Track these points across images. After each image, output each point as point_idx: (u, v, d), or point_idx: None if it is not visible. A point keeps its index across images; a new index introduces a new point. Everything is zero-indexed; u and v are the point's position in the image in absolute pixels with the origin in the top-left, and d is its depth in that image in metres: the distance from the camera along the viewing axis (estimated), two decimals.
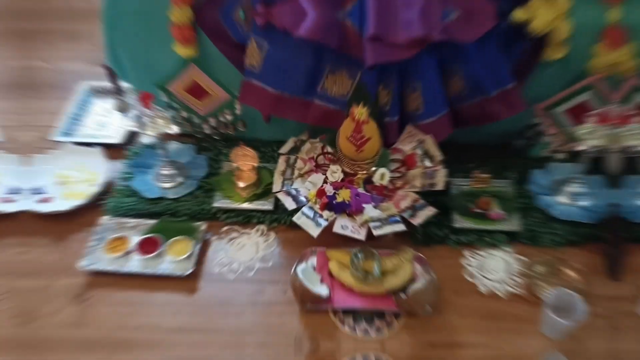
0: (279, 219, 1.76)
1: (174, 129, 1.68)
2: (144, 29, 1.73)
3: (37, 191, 1.87)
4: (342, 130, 1.61)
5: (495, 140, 1.83)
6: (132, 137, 2.06)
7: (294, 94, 1.71)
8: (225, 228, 1.78)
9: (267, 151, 1.93)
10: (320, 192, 1.61)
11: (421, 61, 1.60)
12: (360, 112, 1.57)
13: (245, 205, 1.78)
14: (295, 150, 1.80)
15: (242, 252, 1.71)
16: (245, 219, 1.78)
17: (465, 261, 1.65)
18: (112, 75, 2.08)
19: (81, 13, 2.68)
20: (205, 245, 1.72)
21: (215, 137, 2.00)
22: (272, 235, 1.76)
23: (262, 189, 1.79)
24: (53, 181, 1.90)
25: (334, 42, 1.56)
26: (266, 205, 1.77)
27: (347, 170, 1.66)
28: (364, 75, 1.64)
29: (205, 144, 1.98)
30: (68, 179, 1.91)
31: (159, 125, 1.70)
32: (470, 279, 1.62)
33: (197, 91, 1.85)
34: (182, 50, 1.70)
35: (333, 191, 1.61)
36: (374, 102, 1.65)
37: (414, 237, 1.66)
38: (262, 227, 1.77)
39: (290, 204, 1.62)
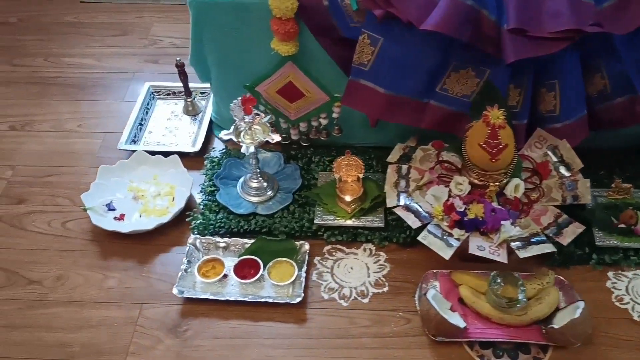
0: (390, 237, 1.58)
1: (275, 138, 1.50)
2: (235, 23, 1.53)
3: (109, 206, 1.68)
4: (472, 136, 1.43)
5: (634, 143, 1.64)
6: (208, 143, 1.87)
7: (409, 95, 1.53)
8: (327, 247, 1.59)
9: (365, 159, 1.75)
10: (449, 208, 1.43)
11: (562, 57, 1.42)
12: (496, 115, 1.38)
13: (351, 222, 1.59)
14: (404, 158, 1.61)
15: (352, 276, 1.52)
16: (351, 237, 1.59)
17: (611, 284, 1.47)
18: (184, 74, 1.90)
19: (126, 3, 2.50)
20: (308, 267, 1.54)
21: (304, 144, 1.81)
22: (383, 255, 1.57)
23: (369, 203, 1.60)
24: (126, 195, 1.71)
25: (465, 36, 1.38)
26: (376, 221, 1.59)
27: (475, 181, 1.47)
28: (494, 73, 1.46)
29: (293, 151, 1.80)
30: (143, 193, 1.72)
31: (257, 133, 1.51)
32: (619, 305, 1.44)
33: (290, 93, 1.66)
34: (282, 47, 1.51)
35: (463, 206, 1.42)
36: (504, 103, 1.47)
37: (551, 257, 1.48)
38: (371, 246, 1.58)
39: (413, 222, 1.43)
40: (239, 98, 1.46)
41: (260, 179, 1.66)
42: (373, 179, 1.68)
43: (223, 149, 1.85)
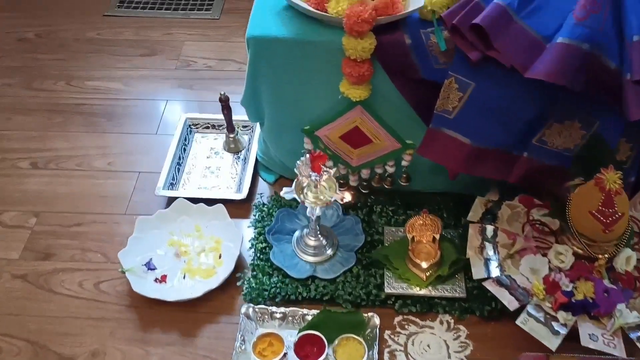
0: (472, 309, 1.39)
1: (346, 197, 1.30)
2: (297, 61, 1.33)
3: (148, 265, 1.49)
4: (581, 202, 1.23)
5: None
6: (254, 187, 1.68)
7: (499, 147, 1.33)
8: (398, 318, 1.40)
9: (434, 208, 1.56)
10: (552, 286, 1.23)
11: None
12: (612, 179, 1.19)
13: (427, 291, 1.40)
14: (488, 216, 1.42)
15: (429, 356, 1.33)
16: (426, 308, 1.40)
17: None
18: (228, 109, 1.70)
19: (151, 17, 2.29)
20: (379, 346, 1.34)
21: (363, 190, 1.62)
22: (463, 330, 1.38)
23: (447, 269, 1.40)
24: (167, 251, 1.52)
25: (579, 85, 1.17)
26: (456, 291, 1.39)
27: (579, 251, 1.28)
28: (604, 125, 1.26)
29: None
30: (186, 249, 1.53)
31: (324, 191, 1.32)
32: None
33: (355, 138, 1.46)
34: (353, 91, 1.31)
35: (570, 284, 1.23)
36: (613, 158, 1.27)
37: None
38: (448, 318, 1.39)
39: (509, 302, 1.23)
40: (307, 155, 1.26)
41: (319, 236, 1.47)
42: (449, 237, 1.48)
43: (272, 195, 1.65)
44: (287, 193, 1.33)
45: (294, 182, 1.34)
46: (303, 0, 1.27)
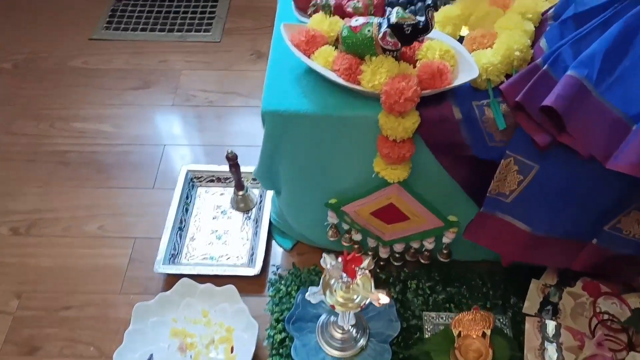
0: None
1: (383, 299, 1.10)
2: (320, 136, 1.12)
3: None
4: None
5: None
6: (268, 255, 1.48)
7: (564, 236, 1.13)
8: None
9: (474, 283, 1.36)
10: None
11: None
12: None
13: None
14: (546, 306, 1.22)
15: None
16: None
17: None
18: (236, 167, 1.49)
19: (144, 41, 2.06)
20: None
21: (396, 263, 1.41)
22: None
23: None
24: (170, 344, 1.33)
25: None
26: None
27: None
28: None
29: (381, 273, 1.41)
30: (192, 339, 1.33)
31: (356, 291, 1.11)
32: None
33: (389, 215, 1.25)
34: (390, 173, 1.10)
35: None
36: None
37: None
38: None
39: None
40: (339, 259, 1.05)
41: (344, 325, 1.27)
42: (498, 324, 1.29)
43: (290, 270, 1.45)
44: (313, 295, 1.13)
45: (321, 280, 1.13)
46: (330, 67, 1.05)
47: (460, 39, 1.11)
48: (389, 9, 1.00)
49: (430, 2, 0.96)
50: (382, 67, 1.00)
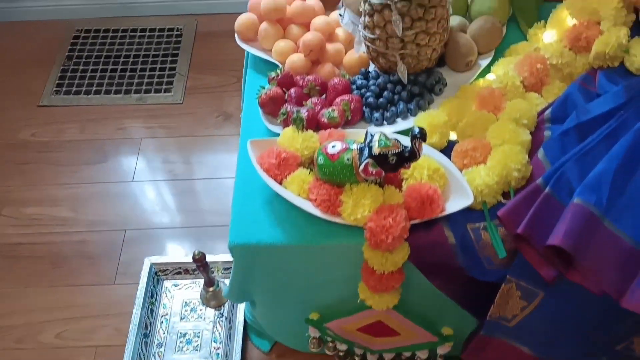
0: None
1: None
2: (294, 265, 1.00)
3: None
4: None
5: None
6: (245, 356, 1.36)
7: (573, 357, 1.03)
8: None
9: None
10: None
11: None
12: None
13: None
14: None
15: None
16: None
17: None
18: (204, 267, 1.36)
19: (99, 106, 1.91)
20: None
21: None
22: None
23: None
24: None
25: None
26: None
27: None
28: None
29: None
30: None
31: None
32: None
33: (378, 330, 1.14)
34: (376, 301, 0.98)
35: None
36: None
37: None
38: None
39: None
40: None
41: None
42: None
43: None
44: None
45: None
46: (305, 195, 0.93)
47: (450, 144, 1.01)
48: (369, 133, 0.88)
49: (417, 132, 0.85)
50: (364, 197, 0.89)
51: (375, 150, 0.85)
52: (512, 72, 1.03)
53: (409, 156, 0.86)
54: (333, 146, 0.90)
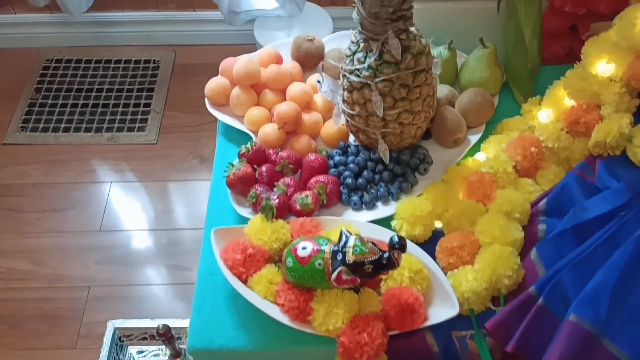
0: None
1: None
2: None
3: None
4: None
5: None
6: None
7: None
8: None
9: None
10: None
11: None
12: None
13: None
14: None
15: None
16: None
17: None
18: (169, 340, 1.28)
19: (67, 145, 1.82)
20: None
21: None
22: None
23: None
24: None
25: None
26: None
27: None
28: None
29: None
30: None
31: None
32: None
33: None
34: None
35: None
36: None
37: None
38: None
39: None
40: None
41: None
42: None
43: None
44: None
45: None
46: (273, 298, 0.85)
47: (435, 232, 0.93)
48: (344, 233, 0.80)
49: (395, 242, 0.77)
50: (337, 306, 0.81)
51: (350, 257, 0.77)
52: (503, 156, 0.96)
53: (386, 264, 0.78)
54: (303, 248, 0.81)
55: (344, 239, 0.80)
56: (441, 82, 1.10)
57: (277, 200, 0.91)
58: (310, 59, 1.15)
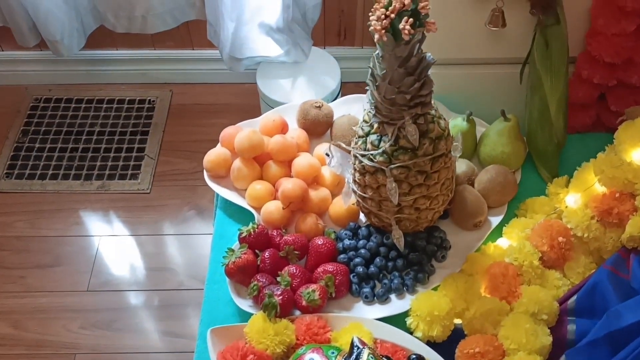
0: None
1: None
2: None
3: None
4: None
5: None
6: None
7: None
8: None
9: None
10: None
11: None
12: None
13: None
14: None
15: None
16: None
17: None
18: None
19: (53, 193, 1.78)
20: None
21: None
22: None
23: None
24: None
25: None
26: None
27: None
28: None
29: None
30: None
31: None
32: None
33: None
34: None
35: None
36: None
37: None
38: None
39: None
40: None
41: None
42: None
43: None
44: None
45: None
46: None
47: (455, 330, 0.89)
48: (355, 344, 0.76)
49: (414, 357, 0.73)
50: None
51: None
52: (528, 247, 0.92)
53: None
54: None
55: (355, 351, 0.76)
56: (459, 157, 1.06)
57: (280, 297, 0.87)
58: (317, 126, 1.11)
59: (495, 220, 1.01)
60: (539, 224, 0.95)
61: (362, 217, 1.03)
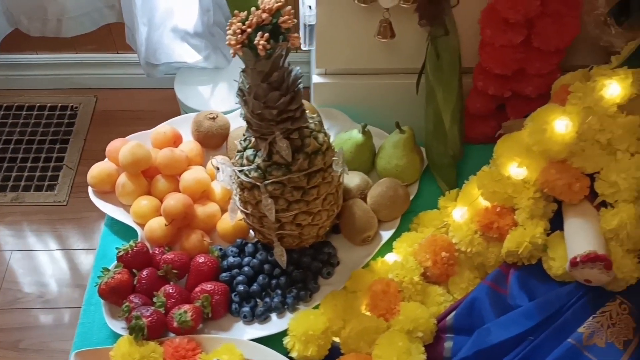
0: None
1: None
2: None
3: None
4: None
5: None
6: None
7: None
8: None
9: None
10: None
11: None
12: None
13: None
14: None
15: None
16: None
17: None
18: None
19: None
20: None
21: None
22: None
23: None
24: None
25: None
26: None
27: None
28: None
29: None
30: None
31: None
32: None
33: None
34: None
35: None
36: None
37: None
38: None
39: None
40: None
41: None
42: None
43: None
44: None
45: None
46: None
47: (333, 349, 0.91)
48: None
49: None
50: None
51: None
52: (411, 262, 0.95)
53: None
54: None
55: None
56: (356, 169, 1.09)
57: (149, 319, 0.89)
58: (211, 138, 1.13)
59: (386, 235, 1.04)
60: (426, 239, 0.98)
61: (252, 232, 1.05)
